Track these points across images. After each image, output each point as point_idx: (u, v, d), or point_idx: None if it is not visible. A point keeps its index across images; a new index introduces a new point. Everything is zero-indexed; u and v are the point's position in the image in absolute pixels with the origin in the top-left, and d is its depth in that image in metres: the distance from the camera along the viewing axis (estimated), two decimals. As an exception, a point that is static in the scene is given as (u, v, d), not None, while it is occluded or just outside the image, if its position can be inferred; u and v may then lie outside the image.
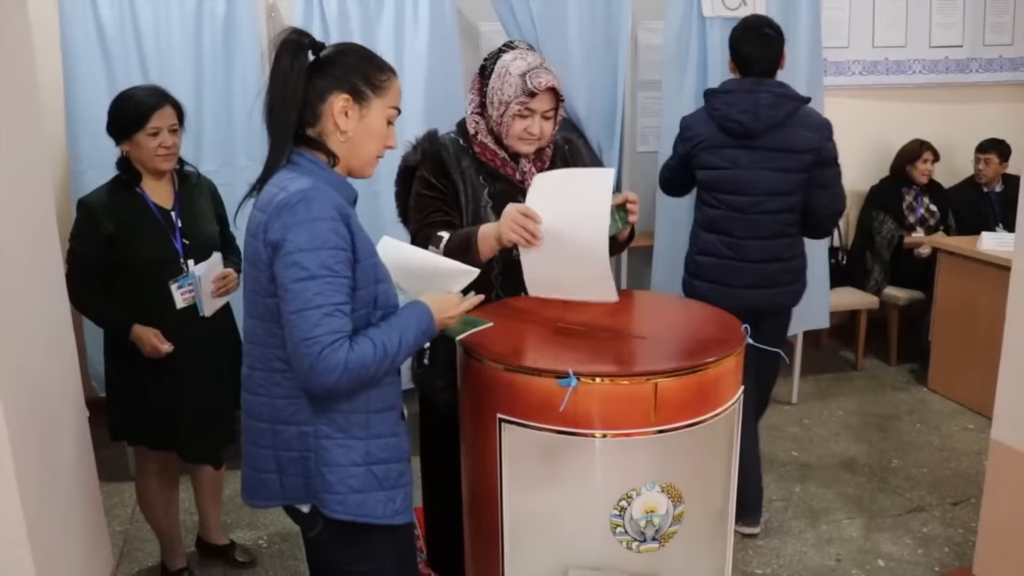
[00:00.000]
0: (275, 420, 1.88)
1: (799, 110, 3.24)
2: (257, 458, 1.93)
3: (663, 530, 2.03)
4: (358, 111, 1.87)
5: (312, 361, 1.71)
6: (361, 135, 1.89)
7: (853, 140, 5.63)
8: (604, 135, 4.31)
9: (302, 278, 1.71)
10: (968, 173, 5.63)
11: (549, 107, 2.45)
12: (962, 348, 4.80)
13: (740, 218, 3.28)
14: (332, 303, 1.72)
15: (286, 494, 1.92)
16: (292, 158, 1.86)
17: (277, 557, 3.41)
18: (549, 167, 2.57)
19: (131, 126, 2.82)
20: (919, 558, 3.39)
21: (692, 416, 1.98)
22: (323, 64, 1.87)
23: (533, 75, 2.39)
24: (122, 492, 3.74)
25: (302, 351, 1.71)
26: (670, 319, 2.44)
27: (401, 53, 4.00)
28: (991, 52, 5.87)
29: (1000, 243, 4.56)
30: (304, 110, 1.85)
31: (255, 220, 1.83)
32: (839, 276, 5.42)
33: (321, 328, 1.70)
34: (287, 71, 1.82)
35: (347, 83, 1.86)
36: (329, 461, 1.86)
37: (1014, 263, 2.84)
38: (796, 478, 4.05)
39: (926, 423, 4.67)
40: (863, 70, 5.66)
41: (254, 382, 1.91)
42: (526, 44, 2.56)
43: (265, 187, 1.84)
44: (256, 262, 1.81)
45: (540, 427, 1.95)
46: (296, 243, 1.72)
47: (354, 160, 1.92)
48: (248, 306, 1.89)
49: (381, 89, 1.89)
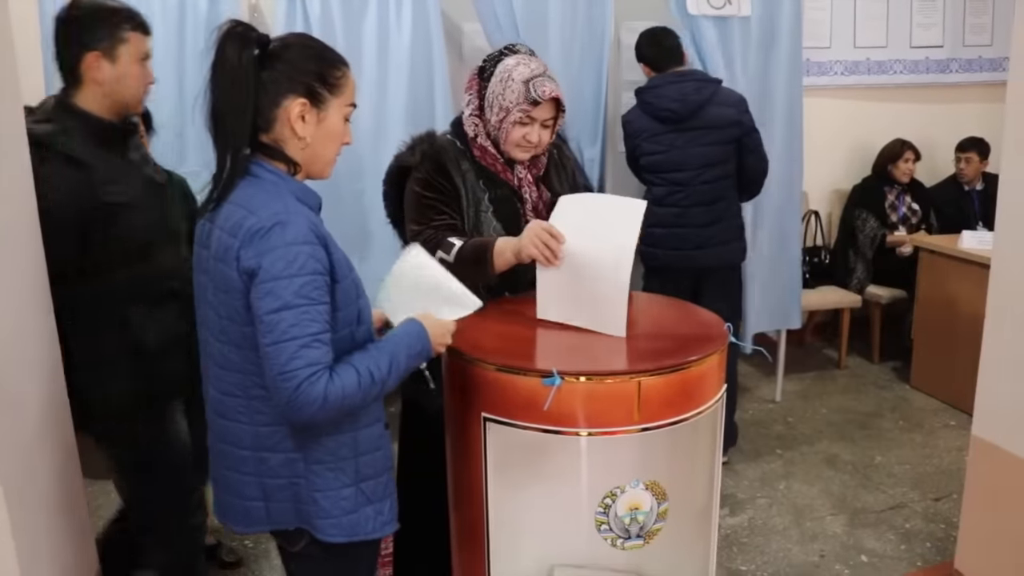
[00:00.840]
0: (259, 448, 1.80)
1: (717, 91, 3.83)
2: (238, 485, 1.84)
3: (647, 527, 2.04)
4: (316, 115, 1.76)
5: (289, 395, 1.62)
6: (320, 140, 1.78)
7: (835, 140, 5.68)
8: (586, 135, 4.32)
9: (277, 308, 1.62)
10: (949, 172, 5.67)
11: (550, 116, 2.41)
12: (944, 346, 4.83)
13: (683, 190, 3.81)
14: (309, 334, 1.63)
15: (272, 520, 1.85)
16: (250, 169, 1.74)
17: (263, 557, 3.41)
18: (544, 174, 2.56)
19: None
20: (902, 553, 3.42)
21: (675, 414, 1.99)
22: (271, 60, 1.73)
23: (537, 83, 2.35)
24: (108, 492, 3.71)
25: (279, 385, 1.63)
26: (653, 318, 2.45)
27: (385, 53, 3.99)
28: (971, 52, 5.92)
29: (980, 242, 4.59)
30: (256, 114, 1.72)
31: (222, 244, 1.71)
32: (821, 275, 5.46)
33: (298, 361, 1.61)
34: (234, 69, 1.68)
35: (301, 84, 1.73)
36: (321, 486, 1.80)
37: (993, 261, 2.86)
38: (780, 475, 4.07)
39: (908, 420, 4.71)
40: (845, 70, 5.69)
41: (229, 407, 1.81)
42: (528, 49, 2.50)
43: (227, 204, 1.73)
44: (229, 289, 1.70)
45: (525, 426, 1.96)
46: (271, 271, 1.63)
47: (314, 166, 1.81)
48: (218, 331, 1.78)
49: (337, 88, 1.78)
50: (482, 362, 2.01)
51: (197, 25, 3.82)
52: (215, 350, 1.81)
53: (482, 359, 2.01)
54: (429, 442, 2.38)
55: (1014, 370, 2.78)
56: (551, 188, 2.56)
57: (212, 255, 1.75)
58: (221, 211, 1.74)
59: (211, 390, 1.86)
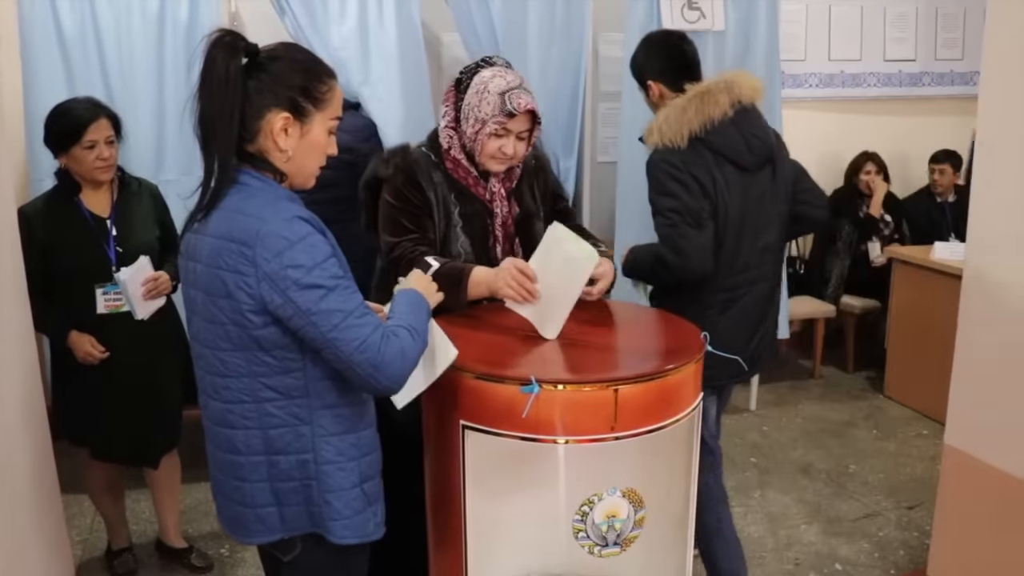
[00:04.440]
0: (270, 451, 1.80)
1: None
2: (249, 494, 1.83)
3: (625, 535, 2.05)
4: (299, 128, 1.75)
5: (374, 360, 1.68)
6: (303, 153, 1.78)
7: (810, 151, 5.67)
8: (563, 146, 4.34)
9: (321, 296, 1.65)
10: (922, 184, 5.73)
11: (525, 128, 2.41)
12: (917, 356, 4.89)
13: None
14: (357, 305, 1.70)
15: (287, 526, 1.85)
16: (238, 177, 1.73)
17: (239, 566, 3.40)
18: (516, 186, 2.56)
19: (67, 140, 2.88)
20: (875, 561, 3.45)
21: (653, 422, 2.00)
22: (257, 71, 1.73)
23: (513, 95, 2.35)
24: (81, 503, 3.70)
25: (359, 359, 1.68)
26: (631, 326, 2.46)
27: (366, 62, 3.99)
28: (943, 67, 6.00)
29: (952, 253, 4.65)
30: (240, 124, 1.71)
31: (223, 250, 1.69)
32: (796, 286, 5.50)
33: (364, 329, 1.68)
34: (223, 77, 1.67)
35: (286, 99, 1.73)
36: (333, 487, 1.82)
37: (965, 272, 2.90)
38: (755, 484, 4.10)
39: (882, 429, 4.75)
40: (820, 83, 5.76)
41: (235, 416, 1.79)
42: (504, 61, 2.51)
43: (218, 212, 1.72)
44: (230, 294, 1.69)
45: (503, 434, 1.96)
46: (301, 266, 1.65)
47: (297, 177, 1.81)
48: (218, 339, 1.76)
49: (323, 102, 1.77)
50: (460, 370, 2.01)
51: (177, 34, 3.82)
52: (211, 361, 1.79)
53: (460, 367, 2.02)
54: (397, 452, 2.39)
55: (985, 379, 2.81)
56: (522, 202, 2.58)
57: (204, 264, 1.74)
58: (211, 220, 1.73)
59: (211, 402, 1.84)
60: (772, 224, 2.77)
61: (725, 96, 2.65)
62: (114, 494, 3.31)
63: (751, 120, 2.71)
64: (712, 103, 2.63)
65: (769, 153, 2.74)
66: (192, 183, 3.70)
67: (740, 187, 2.67)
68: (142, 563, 3.39)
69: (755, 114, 2.74)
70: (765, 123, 2.78)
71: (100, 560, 3.42)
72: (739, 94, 2.67)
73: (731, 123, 2.65)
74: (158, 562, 3.42)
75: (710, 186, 2.62)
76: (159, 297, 3.03)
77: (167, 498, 3.35)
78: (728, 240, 2.67)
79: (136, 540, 3.48)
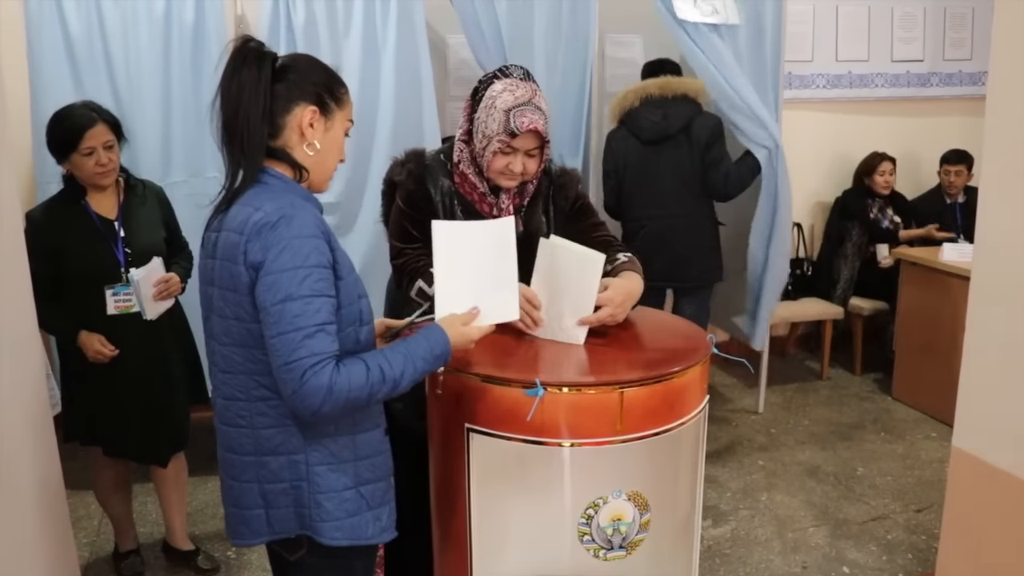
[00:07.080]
0: (260, 452, 1.80)
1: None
2: (238, 493, 1.84)
3: (630, 538, 2.05)
4: (323, 123, 1.82)
5: (295, 386, 1.62)
6: (326, 148, 1.84)
7: (817, 152, 5.72)
8: (569, 146, 4.34)
9: (282, 299, 1.63)
10: (931, 184, 5.71)
11: (533, 146, 2.35)
12: (925, 358, 4.87)
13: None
14: (314, 324, 1.64)
15: (273, 529, 1.84)
16: (261, 177, 1.78)
17: (245, 568, 3.39)
18: (530, 202, 2.51)
19: (65, 147, 2.90)
20: (883, 564, 3.43)
21: (658, 425, 2.00)
22: (282, 72, 1.79)
23: (517, 113, 2.28)
24: (88, 504, 3.71)
25: (284, 376, 1.64)
26: (636, 329, 2.45)
27: (369, 65, 3.99)
28: (951, 67, 5.98)
29: (961, 254, 4.63)
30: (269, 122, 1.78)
31: (229, 242, 1.73)
32: (804, 286, 5.49)
33: (303, 350, 1.62)
34: (253, 83, 1.74)
35: (313, 94, 1.80)
36: (324, 488, 1.80)
37: (974, 274, 2.88)
38: (762, 487, 4.09)
39: (890, 432, 4.73)
40: (827, 83, 5.74)
41: (232, 413, 1.81)
42: (522, 71, 2.41)
43: (233, 207, 1.76)
44: (236, 287, 1.71)
45: (508, 436, 1.97)
46: (278, 263, 1.65)
47: (318, 175, 1.85)
48: (222, 333, 1.79)
49: (342, 102, 1.86)
50: (465, 373, 2.01)
51: (183, 36, 3.82)
52: (220, 356, 1.82)
53: (465, 370, 2.02)
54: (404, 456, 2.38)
55: (994, 382, 2.80)
56: (530, 222, 2.52)
57: (218, 259, 1.77)
58: (228, 215, 1.77)
59: (217, 399, 1.86)
60: (668, 177, 4.16)
61: (634, 94, 4.19)
62: (123, 494, 3.32)
63: (651, 110, 4.14)
64: (629, 98, 4.21)
65: (665, 132, 4.12)
66: (199, 185, 3.74)
67: (640, 154, 4.18)
68: (148, 565, 3.40)
69: (665, 105, 4.14)
70: (672, 113, 4.11)
71: (107, 562, 3.42)
72: (648, 92, 4.16)
73: (637, 111, 4.17)
74: (165, 564, 3.42)
75: (620, 152, 4.24)
76: (169, 299, 3.06)
77: (174, 500, 3.35)
78: (626, 187, 4.25)
79: (143, 542, 3.49)
